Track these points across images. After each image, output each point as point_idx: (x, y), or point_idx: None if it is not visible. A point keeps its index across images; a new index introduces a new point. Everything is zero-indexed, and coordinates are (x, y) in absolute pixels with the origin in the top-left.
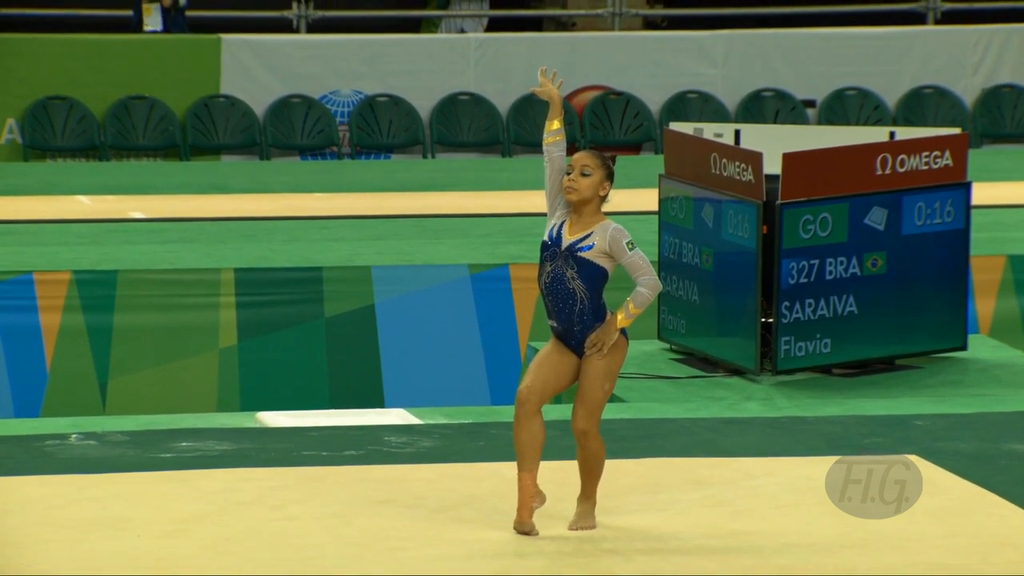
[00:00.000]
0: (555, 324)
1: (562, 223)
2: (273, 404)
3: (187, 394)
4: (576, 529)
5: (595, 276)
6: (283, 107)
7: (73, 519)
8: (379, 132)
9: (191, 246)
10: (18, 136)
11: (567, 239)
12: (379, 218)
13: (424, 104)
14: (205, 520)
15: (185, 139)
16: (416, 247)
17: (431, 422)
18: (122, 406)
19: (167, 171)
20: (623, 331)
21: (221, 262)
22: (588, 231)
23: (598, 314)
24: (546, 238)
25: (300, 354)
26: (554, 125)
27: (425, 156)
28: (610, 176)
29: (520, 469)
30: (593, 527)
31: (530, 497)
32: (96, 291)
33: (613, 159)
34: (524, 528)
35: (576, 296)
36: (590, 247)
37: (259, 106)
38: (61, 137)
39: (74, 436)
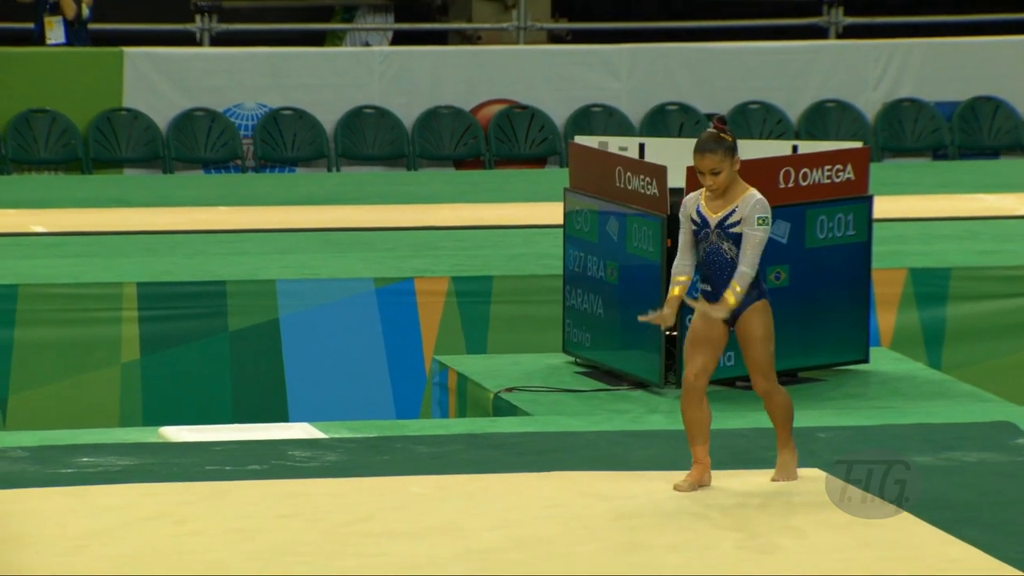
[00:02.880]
0: (709, 288)
1: (698, 205)
2: (176, 419)
3: (89, 409)
4: (778, 480)
5: None
6: (186, 120)
7: None
8: (283, 145)
9: (93, 260)
10: None
11: (713, 217)
12: (284, 232)
13: (329, 117)
14: (107, 536)
15: (87, 153)
16: (321, 261)
17: (335, 436)
18: (23, 421)
19: (69, 185)
20: (765, 294)
21: (123, 276)
22: (732, 206)
23: (752, 281)
24: (692, 226)
25: (204, 368)
26: (676, 292)
27: (330, 170)
28: (734, 150)
29: (693, 444)
30: (795, 479)
31: (703, 468)
32: None
33: (723, 121)
34: (685, 487)
35: (734, 264)
36: (736, 223)
37: (162, 119)
38: None
39: None
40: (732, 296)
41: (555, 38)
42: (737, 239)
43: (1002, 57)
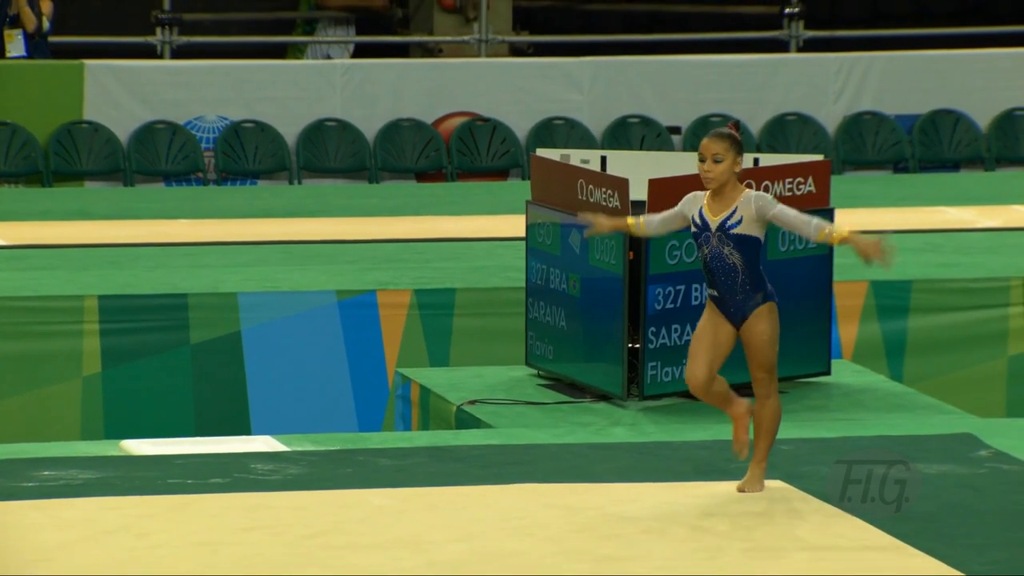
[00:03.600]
0: (716, 293)
1: (700, 207)
2: (138, 432)
3: (50, 422)
4: (743, 491)
5: (751, 247)
6: (147, 133)
7: None
8: (245, 158)
9: (54, 273)
10: None
11: (713, 220)
12: (245, 244)
13: (290, 130)
14: (69, 550)
15: (48, 165)
16: (283, 273)
17: (298, 449)
18: None
19: (29, 197)
20: (773, 296)
21: (85, 289)
22: (732, 207)
23: (756, 283)
24: (692, 227)
25: (165, 381)
26: (630, 220)
27: (291, 182)
28: (740, 151)
29: (729, 409)
30: (761, 490)
31: (744, 424)
32: None
33: (736, 127)
34: (739, 449)
35: (737, 269)
36: (739, 222)
37: (123, 132)
38: None
39: None
40: (839, 231)
41: (517, 51)
42: (738, 241)
43: (962, 70)
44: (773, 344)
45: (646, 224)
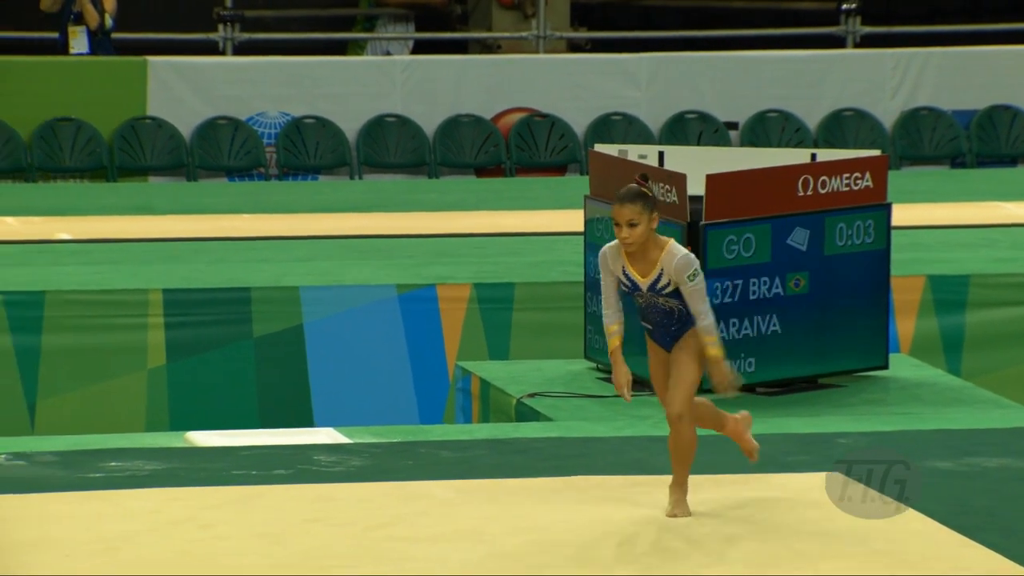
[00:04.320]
0: (650, 327)
1: (623, 265)
2: (202, 424)
3: (116, 414)
4: (672, 516)
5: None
6: (210, 129)
7: (1, 540)
8: (306, 154)
9: (119, 267)
10: None
11: (643, 280)
12: (307, 239)
13: (351, 126)
14: (135, 540)
15: (112, 161)
16: (344, 268)
17: (360, 441)
18: (51, 427)
19: (94, 193)
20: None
21: (149, 283)
22: (658, 269)
23: (691, 315)
24: (623, 286)
25: (229, 374)
26: (615, 342)
27: (352, 177)
28: (653, 206)
29: (724, 430)
30: (688, 515)
31: (743, 434)
32: (24, 312)
33: (645, 180)
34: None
35: (673, 311)
36: (668, 284)
37: (186, 128)
38: None
39: (3, 457)
40: (715, 349)
41: (574, 47)
42: (670, 295)
43: (1019, 66)
44: (701, 365)
45: (619, 325)
